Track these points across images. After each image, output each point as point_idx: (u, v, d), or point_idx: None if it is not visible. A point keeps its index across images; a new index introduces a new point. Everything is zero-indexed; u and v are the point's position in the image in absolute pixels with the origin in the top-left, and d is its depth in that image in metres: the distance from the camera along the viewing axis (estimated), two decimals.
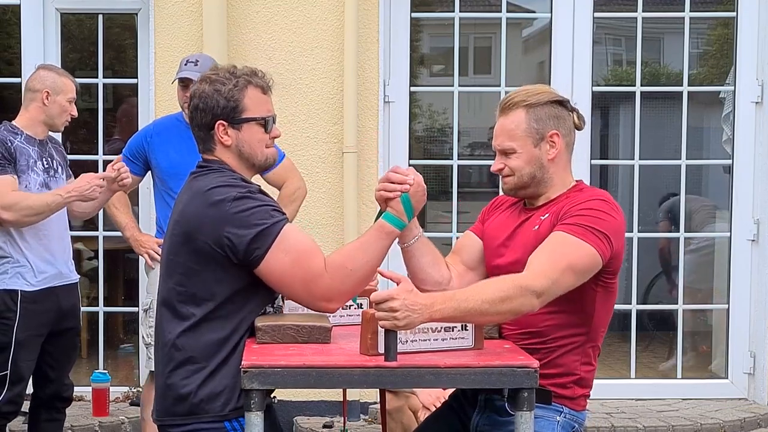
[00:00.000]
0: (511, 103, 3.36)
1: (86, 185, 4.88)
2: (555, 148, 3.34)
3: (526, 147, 3.34)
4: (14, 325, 4.90)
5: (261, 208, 3.14)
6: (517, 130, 3.34)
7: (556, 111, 3.36)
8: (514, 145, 3.35)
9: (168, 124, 5.57)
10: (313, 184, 6.18)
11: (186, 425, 3.19)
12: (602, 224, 3.20)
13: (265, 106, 3.31)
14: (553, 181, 3.38)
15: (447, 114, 7.48)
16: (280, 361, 2.98)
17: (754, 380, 6.82)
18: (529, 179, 3.37)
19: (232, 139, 3.26)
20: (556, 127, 3.34)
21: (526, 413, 3.00)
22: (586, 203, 3.26)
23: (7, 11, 7.58)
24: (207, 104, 3.25)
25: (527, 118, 3.33)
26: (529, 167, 3.35)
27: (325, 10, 6.54)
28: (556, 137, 3.34)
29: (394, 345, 2.97)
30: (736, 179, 6.84)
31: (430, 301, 2.99)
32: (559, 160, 3.37)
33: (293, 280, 3.14)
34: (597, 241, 3.18)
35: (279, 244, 3.11)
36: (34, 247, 4.95)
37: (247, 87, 3.27)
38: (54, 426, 5.22)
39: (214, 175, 3.23)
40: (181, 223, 3.21)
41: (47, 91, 4.98)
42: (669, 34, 8.19)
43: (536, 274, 3.11)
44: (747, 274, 6.82)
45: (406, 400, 5.13)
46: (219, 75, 3.28)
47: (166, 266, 3.28)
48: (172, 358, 3.20)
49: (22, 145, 4.91)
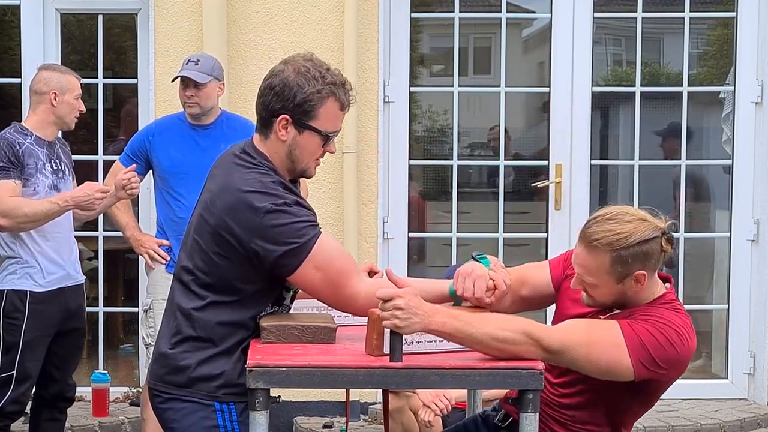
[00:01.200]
0: (595, 243, 3.19)
1: (85, 197, 4.88)
2: (640, 284, 3.22)
3: (609, 284, 3.22)
4: (22, 325, 4.91)
5: (294, 225, 3.10)
6: (600, 270, 3.20)
7: (644, 249, 3.18)
8: (595, 281, 3.23)
9: (169, 123, 5.57)
10: (313, 184, 6.17)
11: (178, 396, 3.19)
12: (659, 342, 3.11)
13: (336, 122, 3.24)
14: (638, 298, 3.28)
15: (447, 114, 7.46)
16: (284, 361, 2.99)
17: (754, 380, 6.82)
18: (611, 304, 3.28)
19: (289, 137, 3.20)
20: (642, 267, 3.19)
21: (531, 415, 3.00)
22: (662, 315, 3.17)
23: (7, 11, 7.57)
24: (284, 92, 3.16)
25: (611, 263, 3.17)
26: (611, 299, 3.26)
27: (325, 10, 6.54)
28: (641, 276, 3.19)
29: (400, 346, 2.97)
30: (736, 179, 6.84)
31: (433, 311, 2.99)
32: (644, 290, 3.25)
33: (324, 295, 3.18)
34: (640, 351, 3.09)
35: (310, 261, 3.10)
36: (42, 248, 4.96)
37: (329, 98, 3.19)
38: (55, 426, 5.23)
39: (256, 174, 3.16)
40: (213, 213, 3.17)
41: (54, 92, 4.99)
42: (669, 34, 8.17)
43: (550, 331, 3.08)
44: (747, 274, 6.83)
45: (406, 400, 5.13)
46: (310, 71, 3.18)
47: (190, 245, 3.25)
48: (180, 330, 3.20)
49: (32, 146, 4.92)
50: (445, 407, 4.99)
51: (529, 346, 3.01)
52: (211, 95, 5.44)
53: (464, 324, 3.00)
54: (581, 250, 3.23)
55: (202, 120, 5.46)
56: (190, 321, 3.18)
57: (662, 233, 3.22)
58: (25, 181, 4.88)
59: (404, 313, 2.94)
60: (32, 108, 5.06)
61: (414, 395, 5.09)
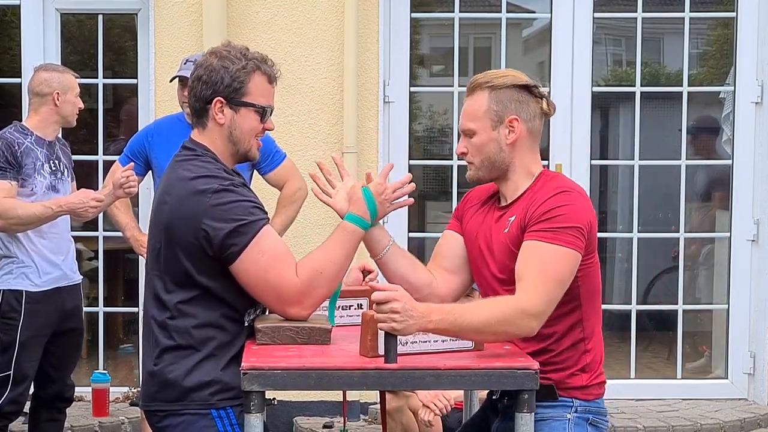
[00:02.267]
0: (475, 85, 3.32)
1: (80, 204, 4.88)
2: (514, 133, 3.28)
3: (485, 129, 3.29)
4: (18, 325, 4.91)
5: (242, 203, 3.12)
6: (478, 111, 3.29)
7: (520, 95, 3.29)
8: (474, 126, 3.30)
9: (169, 124, 5.57)
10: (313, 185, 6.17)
11: (172, 411, 3.18)
12: (570, 218, 3.16)
13: (268, 95, 3.29)
14: (515, 167, 3.32)
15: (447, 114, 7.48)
16: (279, 363, 2.98)
17: (754, 380, 6.82)
18: (489, 164, 3.32)
19: (227, 119, 3.24)
20: (516, 112, 3.27)
21: (526, 415, 3.00)
22: (549, 202, 3.21)
23: (7, 11, 7.58)
24: (211, 78, 3.22)
25: (488, 100, 3.28)
26: (486, 149, 3.30)
27: (325, 10, 6.54)
28: (515, 122, 3.27)
29: (395, 347, 2.97)
30: (736, 179, 6.84)
31: (428, 311, 2.99)
32: (520, 146, 3.30)
33: (266, 283, 3.13)
34: (572, 240, 3.15)
35: (256, 244, 3.09)
36: (39, 247, 4.96)
37: (255, 72, 3.24)
38: (55, 426, 5.23)
39: (198, 162, 3.20)
40: (163, 210, 3.20)
41: (57, 92, 5.00)
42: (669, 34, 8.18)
43: (531, 296, 3.09)
44: (747, 274, 6.82)
45: (405, 400, 5.13)
46: (230, 52, 3.24)
47: (150, 251, 3.26)
48: (159, 343, 3.19)
49: (31, 146, 4.92)
50: (444, 407, 5.00)
51: (522, 322, 3.06)
52: None
53: (458, 316, 3.01)
54: (465, 101, 3.36)
55: None
56: (167, 330, 3.17)
57: (541, 95, 3.32)
58: (22, 181, 4.88)
59: (401, 316, 2.94)
60: (33, 108, 5.05)
61: (413, 395, 5.10)
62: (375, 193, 3.29)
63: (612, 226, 9.14)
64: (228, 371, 3.13)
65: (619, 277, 8.49)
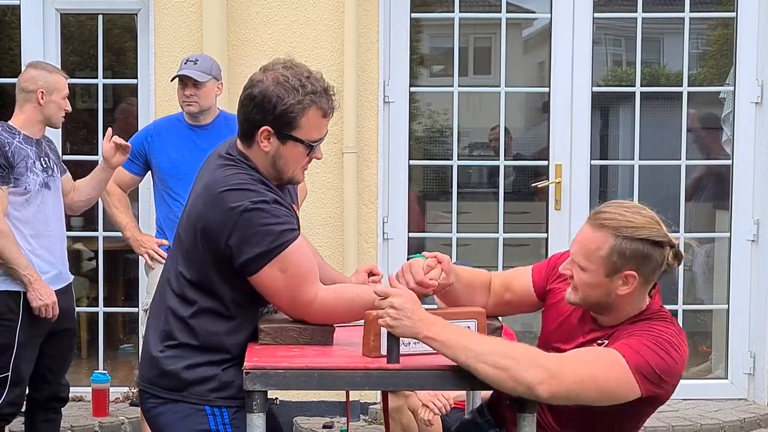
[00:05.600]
0: (603, 221, 3.09)
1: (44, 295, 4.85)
2: (627, 287, 3.09)
3: (598, 273, 3.09)
4: (17, 326, 4.89)
5: (269, 227, 3.07)
6: (595, 253, 3.08)
7: (646, 250, 3.06)
8: (586, 265, 3.10)
9: (168, 124, 5.58)
10: (313, 185, 6.18)
11: (169, 399, 3.19)
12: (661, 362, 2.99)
13: (319, 130, 3.18)
14: (619, 310, 3.16)
15: (447, 114, 7.46)
16: (282, 363, 2.98)
17: (754, 380, 6.82)
18: (593, 301, 3.15)
19: (272, 148, 3.16)
20: (636, 268, 3.06)
21: (528, 416, 3.00)
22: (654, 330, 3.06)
23: (7, 11, 7.57)
24: (263, 104, 3.12)
25: (610, 248, 3.06)
26: (594, 292, 3.12)
27: (325, 10, 6.54)
28: (632, 278, 3.08)
29: (397, 347, 2.97)
30: (736, 179, 6.84)
31: (431, 321, 2.95)
32: (631, 297, 3.12)
33: (281, 298, 3.15)
34: (640, 376, 2.97)
35: (277, 263, 3.08)
36: (35, 248, 4.94)
37: (311, 107, 3.13)
38: (51, 427, 5.22)
39: (236, 171, 3.15)
40: (194, 211, 3.17)
41: (41, 91, 4.95)
42: (669, 34, 8.17)
43: (556, 359, 2.97)
44: (747, 274, 6.82)
45: (405, 400, 5.13)
46: (289, 81, 3.11)
47: (177, 243, 3.25)
48: (173, 335, 3.18)
49: (21, 145, 4.88)
50: (443, 406, 4.99)
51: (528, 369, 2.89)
52: (210, 94, 5.45)
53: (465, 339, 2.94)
54: (586, 228, 3.13)
55: (201, 120, 5.47)
56: (185, 327, 3.17)
57: (671, 245, 3.10)
58: (15, 180, 4.83)
59: (397, 312, 2.92)
60: (19, 106, 5.01)
61: (413, 394, 5.09)
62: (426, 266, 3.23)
63: None
64: (229, 370, 3.14)
65: None
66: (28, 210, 4.89)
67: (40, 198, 4.92)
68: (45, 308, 4.86)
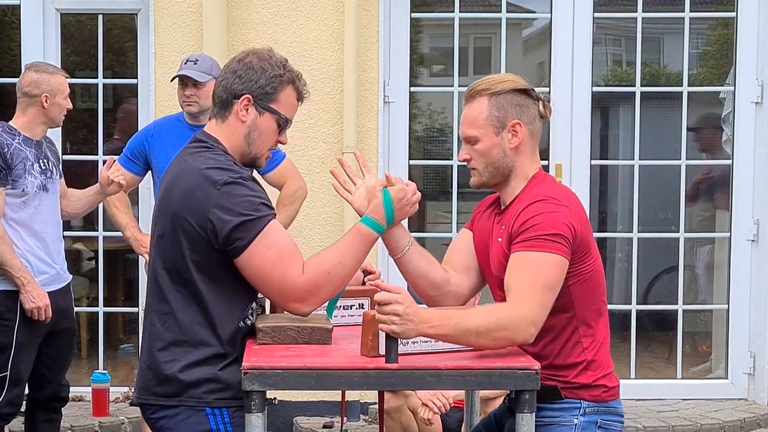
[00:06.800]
0: (474, 91, 3.33)
1: (37, 297, 4.85)
2: (517, 137, 3.30)
3: (488, 135, 3.30)
4: (15, 326, 4.89)
5: (250, 198, 3.12)
6: (479, 118, 3.31)
7: (519, 99, 3.32)
8: (476, 133, 3.31)
9: (168, 124, 5.57)
10: (313, 184, 6.17)
11: (167, 406, 3.18)
12: (547, 226, 3.16)
13: (292, 110, 3.32)
14: (515, 171, 3.33)
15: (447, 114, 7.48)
16: (280, 363, 2.98)
17: (754, 380, 6.82)
18: (493, 169, 3.33)
19: (249, 118, 3.25)
20: (518, 116, 3.30)
21: (527, 415, 3.00)
22: (525, 212, 3.22)
23: (7, 11, 7.57)
24: (247, 74, 3.24)
25: (489, 106, 3.30)
26: (490, 155, 3.31)
27: (325, 10, 6.54)
28: (518, 126, 3.30)
29: (395, 347, 2.97)
30: (736, 179, 6.84)
31: (429, 316, 3.00)
32: (522, 149, 3.32)
33: (271, 277, 3.12)
34: (555, 246, 3.14)
35: (263, 238, 3.09)
36: (33, 248, 4.94)
37: (290, 84, 3.28)
38: (52, 427, 5.23)
39: (209, 154, 3.21)
40: (170, 200, 3.19)
41: (46, 95, 4.96)
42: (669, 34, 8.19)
43: (525, 303, 3.08)
44: (747, 274, 6.82)
45: (405, 400, 5.14)
46: (271, 58, 3.28)
47: (155, 244, 3.26)
48: (161, 336, 3.19)
49: (20, 147, 4.89)
50: (443, 405, 5.00)
51: (520, 329, 3.04)
52: (210, 94, 5.38)
53: (458, 321, 3.01)
54: (465, 108, 3.36)
55: (201, 120, 5.46)
56: (169, 324, 3.17)
57: (538, 98, 3.36)
58: (13, 182, 4.83)
59: (401, 319, 2.94)
60: (21, 108, 5.01)
61: (412, 394, 5.10)
62: (395, 198, 3.30)
63: (612, 226, 9.15)
64: (227, 370, 3.14)
65: (619, 277, 8.49)
66: (25, 212, 4.90)
67: (37, 200, 4.93)
68: (38, 311, 4.87)
